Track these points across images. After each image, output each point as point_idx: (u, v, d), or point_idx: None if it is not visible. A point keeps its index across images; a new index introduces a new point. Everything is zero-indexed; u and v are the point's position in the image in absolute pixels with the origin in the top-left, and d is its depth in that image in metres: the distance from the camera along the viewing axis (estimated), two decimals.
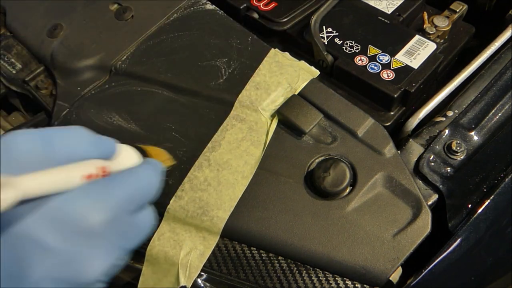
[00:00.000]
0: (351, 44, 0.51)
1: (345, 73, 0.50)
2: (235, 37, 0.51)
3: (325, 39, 0.52)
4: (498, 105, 0.46)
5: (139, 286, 0.41)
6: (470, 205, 0.41)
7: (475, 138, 0.45)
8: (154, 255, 0.41)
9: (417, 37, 0.52)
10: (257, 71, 0.48)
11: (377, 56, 0.50)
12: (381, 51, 0.50)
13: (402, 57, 0.50)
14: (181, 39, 0.52)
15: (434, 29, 0.53)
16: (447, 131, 0.45)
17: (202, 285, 0.41)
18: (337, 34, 0.53)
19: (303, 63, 0.48)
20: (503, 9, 0.59)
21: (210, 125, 0.46)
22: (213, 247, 0.40)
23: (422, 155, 0.44)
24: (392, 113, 0.49)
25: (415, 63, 0.49)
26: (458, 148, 0.43)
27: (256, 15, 0.56)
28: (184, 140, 0.45)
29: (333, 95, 0.46)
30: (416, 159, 0.44)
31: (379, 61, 0.50)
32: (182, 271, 0.39)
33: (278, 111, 0.45)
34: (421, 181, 0.43)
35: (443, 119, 0.46)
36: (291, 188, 0.42)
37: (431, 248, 0.39)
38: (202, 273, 0.40)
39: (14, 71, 0.58)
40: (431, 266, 0.38)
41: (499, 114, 0.46)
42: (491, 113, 0.46)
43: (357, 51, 0.51)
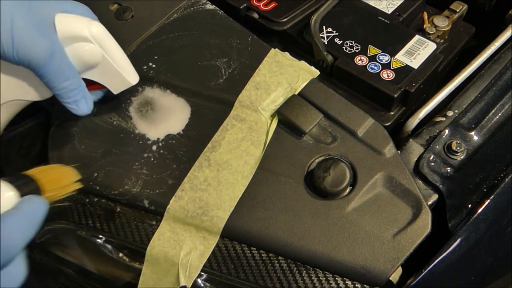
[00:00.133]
0: (351, 44, 0.51)
1: (345, 73, 0.50)
2: (235, 37, 0.51)
3: (325, 39, 0.52)
4: (498, 105, 0.46)
5: (139, 286, 0.41)
6: (470, 205, 0.41)
7: (475, 138, 0.45)
8: (154, 255, 0.41)
9: (417, 37, 0.52)
10: (257, 71, 0.48)
11: (377, 56, 0.50)
12: (381, 51, 0.50)
13: (402, 57, 0.50)
14: (181, 39, 0.52)
15: (434, 29, 0.53)
16: (447, 131, 0.45)
17: (202, 285, 0.41)
18: (337, 34, 0.53)
19: (303, 63, 0.48)
20: (503, 9, 0.59)
21: (210, 125, 0.46)
22: (213, 247, 0.40)
23: (422, 155, 0.44)
24: (392, 113, 0.49)
25: (415, 63, 0.49)
26: (458, 148, 0.43)
27: (256, 15, 0.56)
28: (184, 140, 0.45)
29: (333, 95, 0.46)
30: (416, 159, 0.44)
31: (379, 61, 0.50)
32: (182, 271, 0.39)
33: (278, 111, 0.45)
34: (421, 181, 0.43)
35: (443, 119, 0.47)
36: (291, 188, 0.42)
37: (431, 248, 0.39)
38: (202, 273, 0.40)
39: None
40: (431, 266, 0.38)
41: (499, 114, 0.46)
42: (491, 113, 0.46)
43: (357, 51, 0.51)
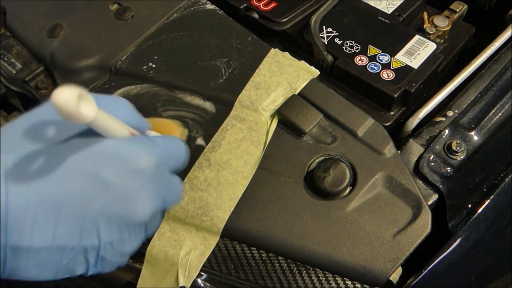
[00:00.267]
0: (351, 44, 0.51)
1: (345, 73, 0.50)
2: (235, 37, 0.51)
3: (325, 39, 0.52)
4: (498, 105, 0.46)
5: (138, 286, 0.41)
6: (470, 205, 0.41)
7: (475, 138, 0.45)
8: (154, 255, 0.41)
9: (417, 37, 0.52)
10: (257, 71, 0.48)
11: (377, 56, 0.50)
12: (381, 51, 0.50)
13: (402, 57, 0.50)
14: (181, 39, 0.52)
15: (434, 29, 0.53)
16: (447, 131, 0.45)
17: (202, 285, 0.40)
18: (337, 34, 0.53)
19: (303, 63, 0.48)
20: (503, 9, 0.59)
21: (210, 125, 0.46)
22: (213, 247, 0.40)
23: (422, 155, 0.44)
24: (392, 113, 0.49)
25: (415, 63, 0.49)
26: (458, 148, 0.43)
27: (256, 15, 0.56)
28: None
29: (333, 95, 0.46)
30: (416, 159, 0.44)
31: (379, 61, 0.50)
32: (181, 271, 0.39)
33: (278, 111, 0.45)
34: (421, 181, 0.43)
35: (443, 119, 0.46)
36: (291, 188, 0.42)
37: (431, 248, 0.39)
38: (202, 273, 0.40)
39: (14, 71, 0.58)
40: (431, 266, 0.38)
41: (499, 114, 0.46)
42: (491, 113, 0.46)
43: (357, 51, 0.51)
